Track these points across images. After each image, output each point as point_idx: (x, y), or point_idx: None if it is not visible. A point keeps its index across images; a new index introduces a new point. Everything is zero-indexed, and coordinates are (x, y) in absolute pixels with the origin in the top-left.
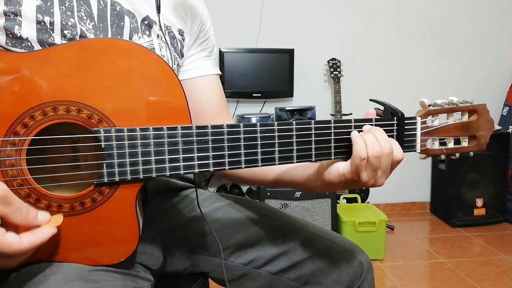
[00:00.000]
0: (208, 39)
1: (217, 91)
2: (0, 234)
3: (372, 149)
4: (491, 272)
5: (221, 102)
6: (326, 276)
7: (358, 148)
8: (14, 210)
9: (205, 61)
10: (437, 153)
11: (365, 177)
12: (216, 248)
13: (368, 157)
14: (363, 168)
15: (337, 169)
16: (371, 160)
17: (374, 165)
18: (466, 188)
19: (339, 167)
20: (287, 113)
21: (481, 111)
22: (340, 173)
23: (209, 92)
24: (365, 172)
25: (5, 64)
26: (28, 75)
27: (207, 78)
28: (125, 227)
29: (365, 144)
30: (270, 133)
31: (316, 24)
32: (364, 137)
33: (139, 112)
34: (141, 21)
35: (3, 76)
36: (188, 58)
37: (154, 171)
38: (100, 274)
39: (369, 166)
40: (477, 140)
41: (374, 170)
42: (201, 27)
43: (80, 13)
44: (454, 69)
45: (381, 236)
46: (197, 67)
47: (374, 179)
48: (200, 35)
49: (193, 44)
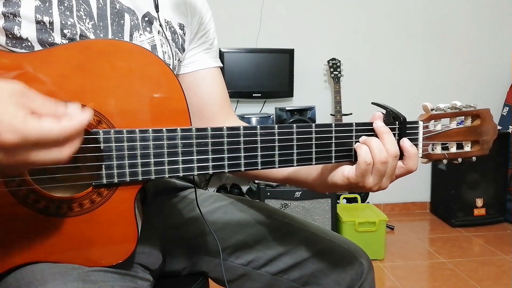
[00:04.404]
0: (208, 32)
1: (219, 83)
2: (34, 121)
3: (379, 155)
4: (491, 272)
5: (223, 95)
6: (326, 277)
7: (362, 153)
8: (41, 103)
9: (206, 54)
10: (439, 157)
11: (370, 182)
12: (215, 248)
13: (374, 163)
14: (369, 173)
15: (342, 172)
16: (377, 166)
17: (381, 170)
18: (466, 188)
19: (344, 170)
20: (287, 113)
21: (485, 115)
22: (344, 176)
23: (211, 85)
24: (371, 177)
25: (4, 65)
26: (27, 76)
27: (208, 71)
28: (123, 229)
29: (370, 149)
30: (270, 136)
31: (316, 24)
32: (369, 143)
33: (139, 113)
34: (141, 17)
35: (3, 76)
36: (189, 51)
37: (153, 173)
38: (99, 274)
39: (375, 172)
40: (480, 145)
41: (380, 176)
42: (201, 20)
43: (80, 13)
44: (454, 69)
45: (381, 236)
46: (197, 61)
47: (379, 185)
48: (200, 28)
49: (194, 37)
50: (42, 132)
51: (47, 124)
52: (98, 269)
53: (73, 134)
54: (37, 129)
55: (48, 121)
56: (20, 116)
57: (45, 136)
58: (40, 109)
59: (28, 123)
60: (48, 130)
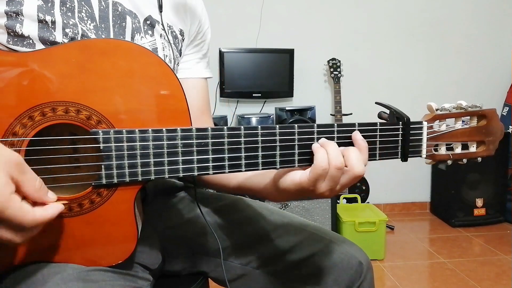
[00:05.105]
0: (204, 42)
1: (203, 95)
2: (16, 201)
3: (336, 160)
4: (491, 272)
5: (203, 106)
6: (325, 276)
7: (319, 157)
8: (29, 179)
9: (197, 63)
10: (444, 158)
11: (323, 187)
12: (215, 248)
13: (330, 168)
14: (322, 178)
15: (293, 177)
16: (331, 171)
17: (335, 176)
18: (466, 188)
19: (296, 175)
20: (287, 113)
21: (491, 116)
22: (296, 181)
23: (195, 94)
24: (324, 182)
25: (4, 63)
26: (27, 75)
27: (196, 81)
28: (123, 229)
29: (327, 154)
30: (271, 136)
31: (316, 24)
32: (327, 148)
33: (139, 113)
34: (143, 21)
35: (2, 76)
36: (182, 57)
37: (153, 174)
38: (99, 274)
39: (329, 177)
40: (485, 145)
41: (334, 182)
42: (199, 29)
43: (81, 14)
44: (454, 69)
45: (381, 236)
46: (188, 68)
47: (330, 191)
48: (197, 36)
49: (190, 44)
50: (17, 213)
51: (25, 208)
52: (98, 268)
53: (39, 225)
54: (14, 208)
55: (26, 205)
56: (7, 190)
57: (18, 218)
58: (26, 185)
59: (11, 199)
60: (22, 214)
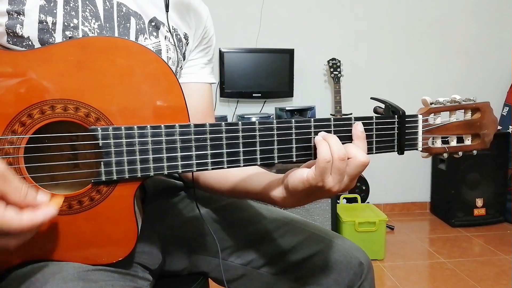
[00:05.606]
0: (210, 48)
1: (207, 99)
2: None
3: (338, 152)
4: (491, 272)
5: (206, 110)
6: (326, 276)
7: (322, 151)
8: (13, 188)
9: (202, 68)
10: (440, 151)
11: (330, 181)
12: (215, 248)
13: (333, 160)
14: (328, 171)
15: (301, 175)
16: (336, 163)
17: (340, 167)
18: (466, 188)
19: (303, 172)
20: (287, 113)
21: (485, 109)
22: (304, 178)
23: (199, 99)
24: (331, 176)
25: (3, 62)
26: (26, 74)
27: (200, 86)
28: (123, 226)
29: (329, 146)
30: (269, 131)
31: (316, 24)
32: (328, 141)
33: (137, 110)
34: (148, 22)
35: (1, 74)
36: (187, 62)
37: (152, 170)
38: (99, 273)
39: (334, 170)
40: (480, 138)
41: (341, 174)
42: (204, 34)
43: (85, 13)
44: (454, 69)
45: (381, 236)
46: (193, 73)
47: (339, 184)
48: (203, 41)
49: (195, 49)
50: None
51: (9, 215)
52: (98, 268)
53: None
54: None
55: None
56: None
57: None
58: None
59: None
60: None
